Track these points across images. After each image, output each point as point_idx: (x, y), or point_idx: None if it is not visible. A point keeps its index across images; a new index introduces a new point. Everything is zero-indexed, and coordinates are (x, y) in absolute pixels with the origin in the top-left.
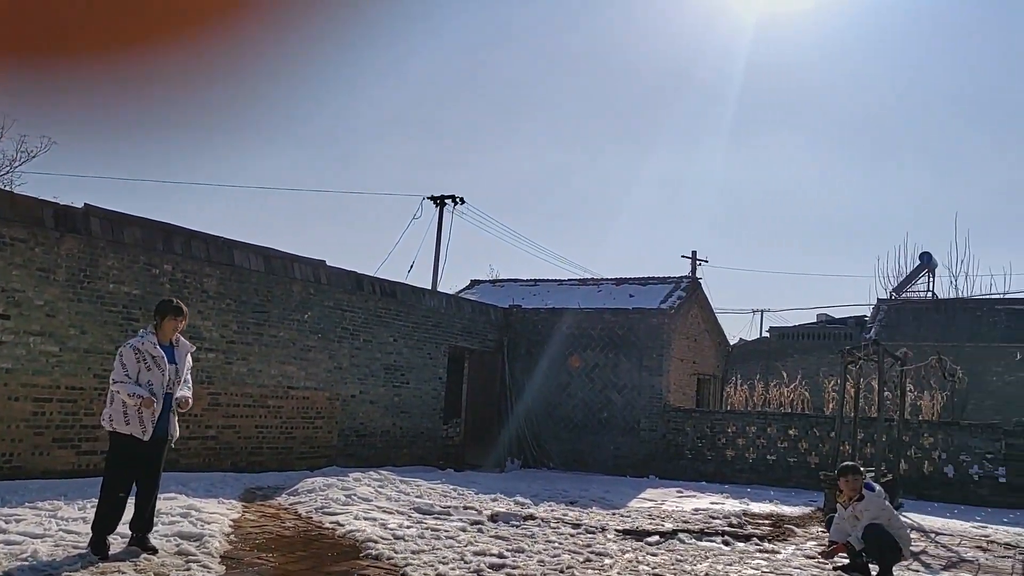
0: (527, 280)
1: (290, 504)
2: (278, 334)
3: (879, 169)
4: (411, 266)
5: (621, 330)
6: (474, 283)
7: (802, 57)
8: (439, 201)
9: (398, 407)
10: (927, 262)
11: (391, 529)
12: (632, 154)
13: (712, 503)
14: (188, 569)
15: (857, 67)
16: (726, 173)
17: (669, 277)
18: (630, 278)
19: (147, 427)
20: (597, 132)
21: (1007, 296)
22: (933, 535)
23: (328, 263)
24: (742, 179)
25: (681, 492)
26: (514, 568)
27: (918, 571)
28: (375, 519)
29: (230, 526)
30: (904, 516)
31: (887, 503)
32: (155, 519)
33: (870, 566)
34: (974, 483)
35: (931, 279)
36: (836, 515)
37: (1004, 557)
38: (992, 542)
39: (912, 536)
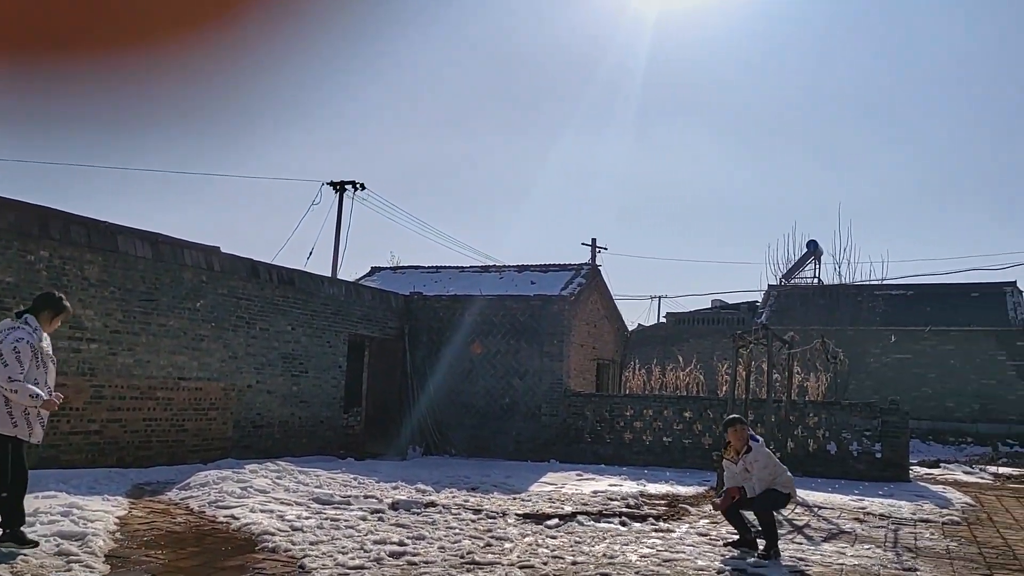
0: (429, 267)
1: (181, 499)
2: (167, 323)
3: (771, 160)
4: (310, 253)
5: (522, 317)
6: (375, 270)
7: (701, 52)
8: (339, 187)
9: (297, 397)
10: (813, 250)
11: (289, 521)
12: (535, 143)
13: (610, 485)
14: (69, 569)
15: (752, 63)
16: (627, 162)
17: (570, 264)
18: (531, 265)
19: (35, 429)
20: (500, 121)
21: (885, 282)
22: (816, 509)
23: (223, 250)
24: (642, 168)
25: (581, 475)
26: (415, 555)
27: (801, 543)
28: (272, 511)
29: (115, 524)
30: None
31: (771, 453)
32: (32, 519)
33: (758, 541)
34: (853, 459)
35: (817, 266)
36: (726, 473)
37: (878, 527)
38: (868, 513)
39: (797, 511)
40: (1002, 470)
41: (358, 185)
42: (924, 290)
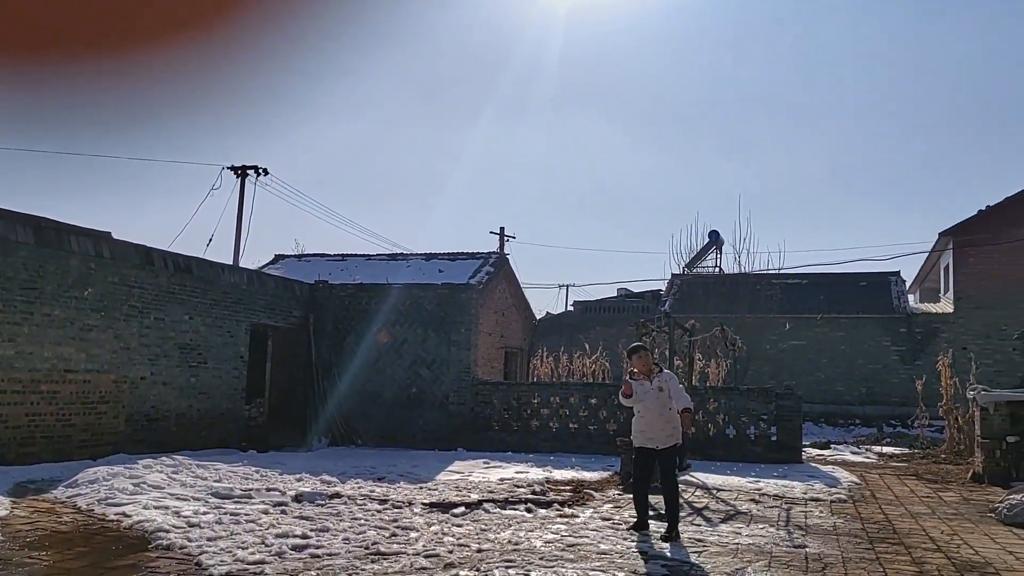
0: (335, 255)
1: (68, 497)
2: (52, 312)
3: (675, 152)
4: (209, 240)
5: (430, 306)
6: (278, 258)
7: (610, 45)
8: (240, 172)
9: (195, 388)
10: (715, 240)
11: (185, 517)
12: (447, 132)
13: (517, 472)
14: None
15: (659, 56)
16: (537, 153)
17: (478, 253)
18: (439, 254)
19: None
20: (411, 109)
21: (781, 271)
22: (715, 491)
23: (114, 235)
24: (552, 159)
25: (488, 463)
26: (318, 547)
27: (700, 525)
28: (167, 508)
29: None
30: (691, 476)
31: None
32: None
33: (654, 523)
34: (751, 442)
35: (719, 255)
36: (637, 393)
37: (772, 507)
38: (763, 494)
39: (697, 493)
40: (886, 450)
41: (261, 170)
42: (818, 279)
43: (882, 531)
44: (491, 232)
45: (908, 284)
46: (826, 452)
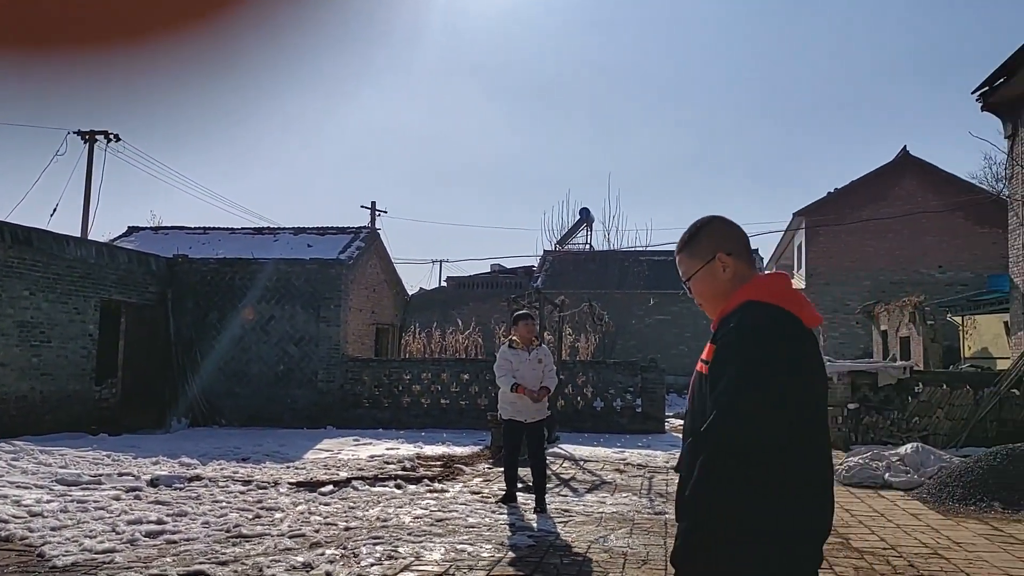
0: (195, 228)
1: None
2: None
3: (548, 129)
4: (54, 210)
5: (298, 281)
6: (132, 230)
7: (488, 19)
8: (88, 137)
9: (37, 369)
10: (586, 217)
11: (27, 506)
12: (318, 102)
13: (388, 449)
14: None
15: (537, 34)
16: (411, 127)
17: (349, 228)
18: (308, 228)
19: None
20: (279, 76)
21: (648, 248)
22: (582, 462)
23: None
24: (427, 133)
25: (358, 441)
26: (175, 533)
27: (567, 496)
28: (6, 496)
29: None
30: (559, 448)
31: None
32: None
33: (529, 495)
34: (617, 414)
35: (589, 232)
36: (514, 362)
37: (636, 476)
38: (628, 464)
39: (565, 465)
40: None
41: (111, 136)
42: None
43: None
44: (362, 206)
45: (766, 261)
46: None
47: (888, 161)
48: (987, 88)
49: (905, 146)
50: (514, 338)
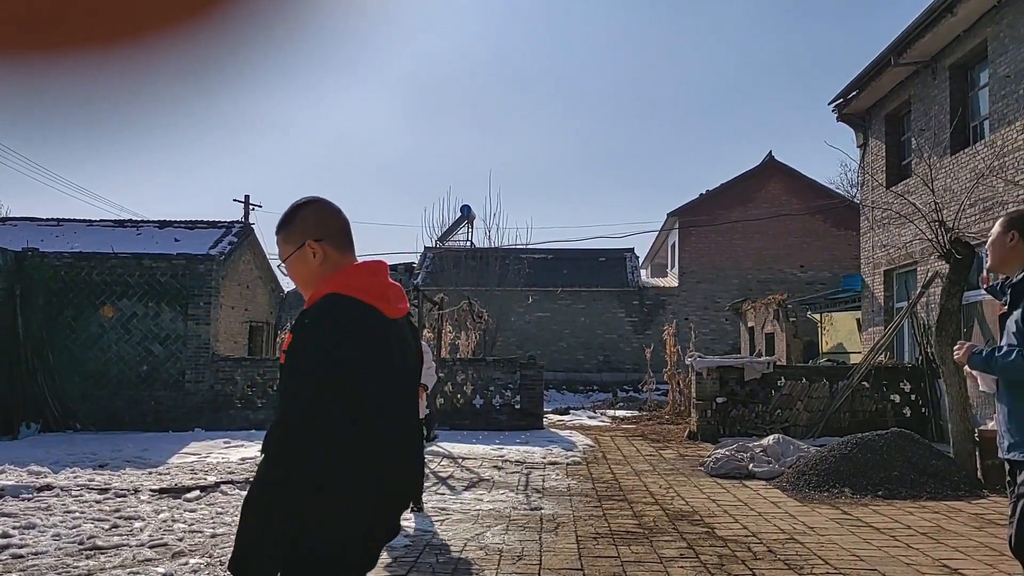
0: (48, 220)
1: None
2: None
3: (430, 124)
4: None
5: (164, 277)
6: None
7: (373, 12)
8: None
9: None
10: (467, 214)
11: None
12: (191, 91)
13: (260, 451)
14: None
15: (418, 28)
16: (289, 119)
17: (220, 222)
18: (176, 221)
19: None
20: (150, 62)
21: (529, 246)
22: (461, 460)
23: None
24: (306, 126)
25: (229, 443)
26: (21, 547)
27: (444, 494)
28: None
29: None
30: (438, 446)
31: None
32: None
33: None
34: (496, 411)
35: (470, 230)
36: None
37: (514, 473)
38: (506, 461)
39: (443, 463)
40: (619, 413)
41: None
42: (562, 254)
43: (609, 489)
44: (235, 200)
45: (641, 260)
46: (566, 418)
47: (755, 165)
48: (842, 100)
49: (771, 151)
50: None
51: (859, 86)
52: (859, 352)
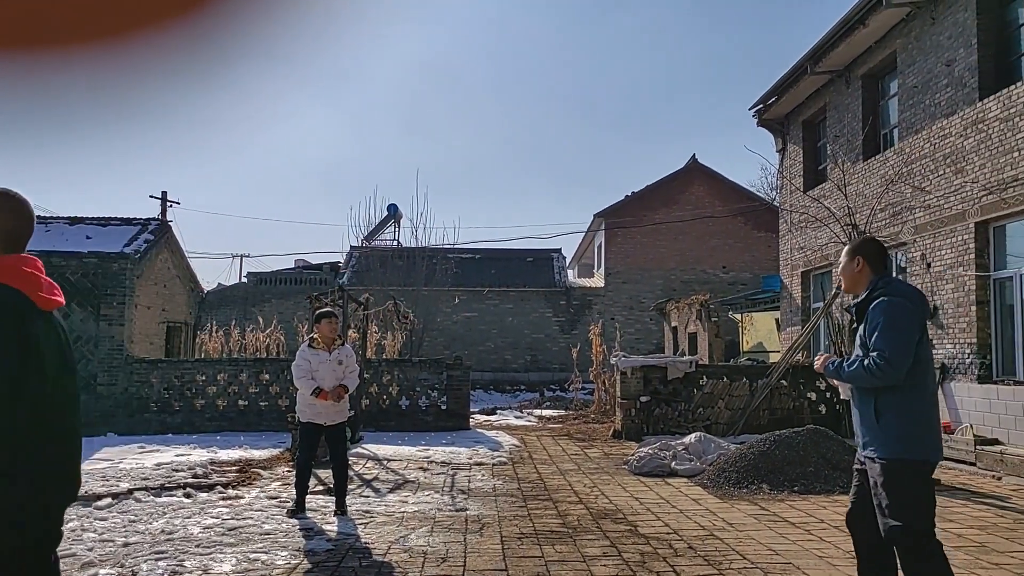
0: None
1: None
2: None
3: (356, 122)
4: None
5: (74, 276)
6: None
7: (295, 9)
8: None
9: None
10: (393, 213)
11: None
12: (106, 81)
13: (177, 456)
14: None
15: (348, 26)
16: (208, 113)
17: (135, 219)
18: (87, 218)
19: None
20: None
21: (456, 246)
22: (386, 461)
23: None
24: (228, 122)
25: (143, 448)
26: None
27: (368, 496)
28: None
29: None
30: (363, 448)
31: None
32: None
33: (330, 497)
34: (422, 412)
35: (397, 229)
36: (313, 363)
37: (439, 474)
38: (432, 462)
39: (368, 465)
40: (545, 412)
41: None
42: (490, 254)
43: (535, 489)
44: (152, 196)
45: (568, 260)
46: (493, 418)
47: (680, 168)
48: (762, 105)
49: (695, 154)
50: (315, 336)
51: (778, 92)
52: (778, 351)
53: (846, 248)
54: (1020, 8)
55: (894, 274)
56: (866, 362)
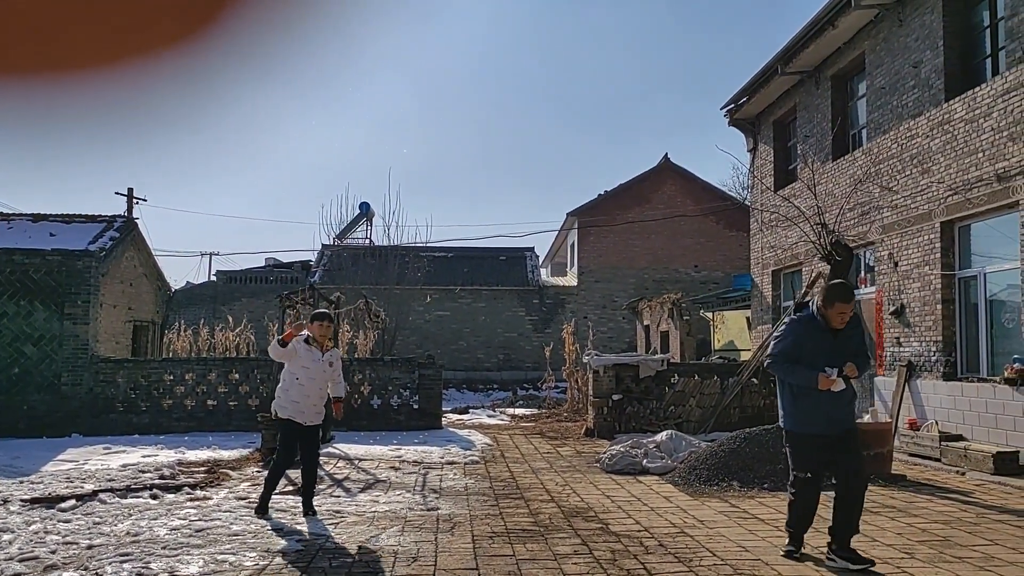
0: None
1: None
2: None
3: (327, 119)
4: None
5: (37, 274)
6: None
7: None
8: None
9: None
10: (365, 211)
11: None
12: (61, 77)
13: (144, 456)
14: None
15: (320, 22)
16: (174, 112)
17: (101, 216)
18: (51, 215)
19: None
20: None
21: (429, 244)
22: (357, 461)
23: None
24: (196, 120)
25: (109, 448)
26: None
27: (339, 496)
28: None
29: None
30: (334, 447)
31: None
32: None
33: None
34: (394, 411)
35: (369, 227)
36: (301, 357)
37: (411, 473)
38: (404, 461)
39: (339, 465)
40: (518, 411)
41: None
42: (462, 252)
43: (507, 487)
44: (118, 193)
45: (542, 259)
46: (465, 417)
47: (652, 167)
48: (733, 105)
49: (667, 154)
50: (310, 335)
51: (749, 92)
52: (749, 349)
53: (849, 295)
54: (985, 11)
55: (862, 273)
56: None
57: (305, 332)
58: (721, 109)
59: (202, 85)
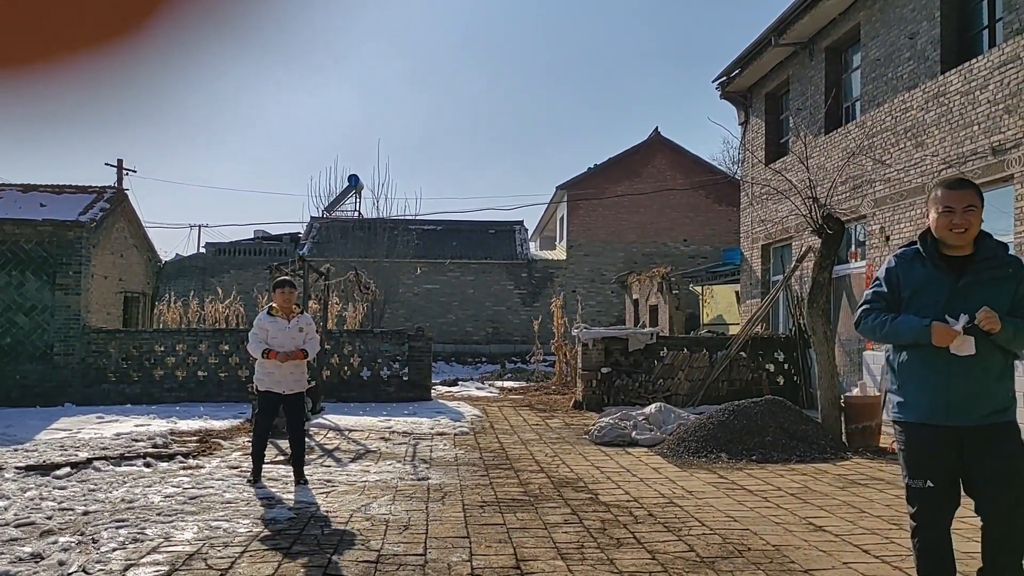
0: None
1: None
2: None
3: (316, 91)
4: None
5: (28, 244)
6: None
7: None
8: None
9: None
10: (354, 184)
11: None
12: (46, 51)
13: (136, 426)
14: None
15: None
16: (162, 81)
17: (91, 187)
18: (41, 185)
19: None
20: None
21: (418, 217)
22: (347, 432)
23: None
24: (181, 89)
25: (102, 418)
26: None
27: (330, 466)
28: None
29: None
30: (324, 418)
31: None
32: None
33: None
34: (384, 382)
35: (358, 199)
36: (271, 331)
37: (401, 444)
38: (393, 432)
39: (329, 435)
40: (507, 384)
41: None
42: (451, 226)
43: (497, 458)
44: (107, 164)
45: (531, 233)
46: (454, 389)
47: (642, 141)
48: (725, 78)
49: (657, 127)
50: (273, 305)
51: (741, 65)
52: (738, 323)
53: (971, 188)
54: None
55: (853, 247)
56: None
57: (270, 304)
58: (713, 82)
59: (191, 56)
